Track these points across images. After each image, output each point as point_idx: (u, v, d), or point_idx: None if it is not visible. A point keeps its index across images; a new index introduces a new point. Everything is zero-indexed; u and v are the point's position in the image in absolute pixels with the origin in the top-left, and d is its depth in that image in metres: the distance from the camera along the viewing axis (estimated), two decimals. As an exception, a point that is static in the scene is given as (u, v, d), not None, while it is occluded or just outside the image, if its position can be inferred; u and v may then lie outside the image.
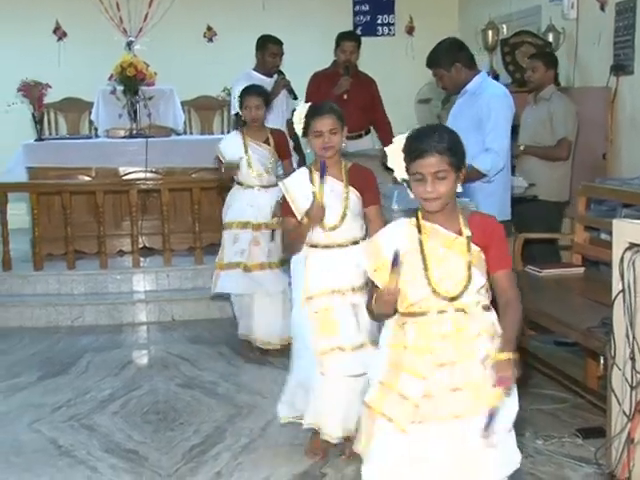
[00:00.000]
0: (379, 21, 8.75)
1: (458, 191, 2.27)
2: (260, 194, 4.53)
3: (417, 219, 2.29)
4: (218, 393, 4.17)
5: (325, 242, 3.20)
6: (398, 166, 2.27)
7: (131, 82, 6.55)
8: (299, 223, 3.17)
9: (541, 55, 5.37)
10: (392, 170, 2.31)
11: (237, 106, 4.56)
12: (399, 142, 2.27)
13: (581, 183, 4.59)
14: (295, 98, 5.76)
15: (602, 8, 5.74)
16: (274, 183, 4.52)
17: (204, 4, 8.28)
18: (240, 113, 4.63)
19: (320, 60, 5.99)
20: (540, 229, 4.83)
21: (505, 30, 7.01)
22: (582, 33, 6.03)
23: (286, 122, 5.81)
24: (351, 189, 3.20)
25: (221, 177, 4.80)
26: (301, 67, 5.92)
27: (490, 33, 6.65)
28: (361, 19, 8.71)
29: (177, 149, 6.51)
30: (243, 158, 4.51)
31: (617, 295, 2.93)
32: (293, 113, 3.35)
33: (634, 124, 5.43)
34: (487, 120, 3.81)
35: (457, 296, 2.23)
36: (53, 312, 5.52)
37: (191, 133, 7.93)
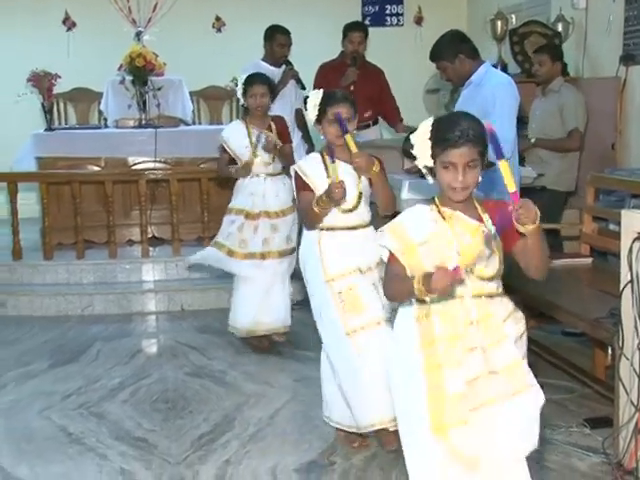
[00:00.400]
0: (387, 11, 8.72)
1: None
2: (267, 183, 4.52)
3: (437, 206, 2.26)
4: (227, 382, 4.19)
5: (342, 224, 3.23)
6: (423, 153, 2.23)
7: (140, 72, 6.57)
8: (319, 198, 3.15)
9: (546, 48, 5.36)
10: (413, 157, 2.27)
11: (240, 94, 4.52)
12: (425, 129, 2.22)
13: (590, 173, 4.57)
14: (303, 88, 5.76)
15: (612, -3, 5.72)
16: (279, 171, 4.53)
17: (213, -6, 8.29)
18: (243, 101, 4.58)
19: (328, 50, 5.99)
20: (543, 219, 4.81)
21: (514, 20, 6.97)
22: (591, 23, 6.00)
23: (295, 112, 5.83)
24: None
25: (222, 169, 4.73)
26: (309, 57, 5.91)
27: (499, 23, 6.60)
28: (370, 9, 8.68)
29: (186, 139, 6.50)
30: (248, 147, 4.50)
31: (625, 285, 2.94)
32: (303, 102, 3.34)
33: (644, 114, 5.42)
34: (492, 109, 3.80)
35: (493, 276, 2.23)
36: (63, 301, 5.55)
37: (200, 123, 7.93)
